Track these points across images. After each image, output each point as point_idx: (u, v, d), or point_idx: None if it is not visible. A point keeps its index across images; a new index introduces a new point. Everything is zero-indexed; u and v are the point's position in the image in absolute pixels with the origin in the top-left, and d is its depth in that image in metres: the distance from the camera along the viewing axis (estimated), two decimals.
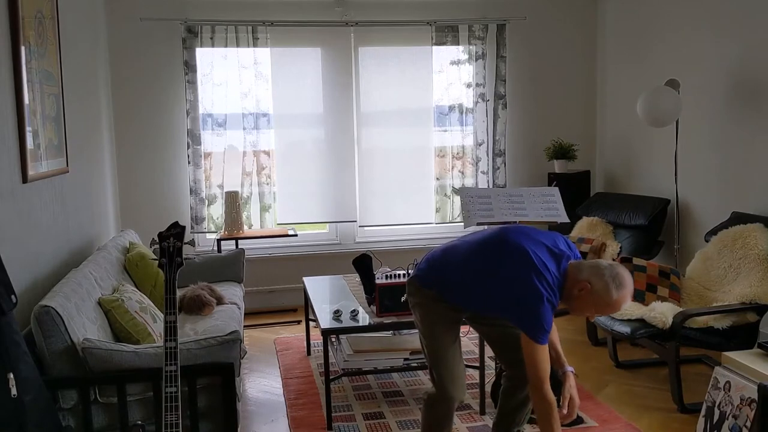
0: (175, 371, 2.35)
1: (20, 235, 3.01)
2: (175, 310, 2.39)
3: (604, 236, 5.17)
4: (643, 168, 5.53)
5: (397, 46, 5.78)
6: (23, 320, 2.79)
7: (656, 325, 3.55)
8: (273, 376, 4.26)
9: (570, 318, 5.24)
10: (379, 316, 3.64)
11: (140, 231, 4.89)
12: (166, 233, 2.46)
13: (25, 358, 2.29)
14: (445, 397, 2.68)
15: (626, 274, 2.44)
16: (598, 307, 2.45)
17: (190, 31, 5.41)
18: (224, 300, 4.17)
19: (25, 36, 3.12)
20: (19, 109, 3.05)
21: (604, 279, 2.41)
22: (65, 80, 3.83)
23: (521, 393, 2.81)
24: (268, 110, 5.61)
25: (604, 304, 2.43)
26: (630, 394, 3.84)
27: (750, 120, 4.35)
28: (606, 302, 2.42)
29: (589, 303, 2.45)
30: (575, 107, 6.17)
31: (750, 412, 2.90)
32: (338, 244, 5.99)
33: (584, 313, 2.53)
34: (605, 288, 2.41)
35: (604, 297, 2.41)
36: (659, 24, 5.23)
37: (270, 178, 5.69)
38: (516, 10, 5.90)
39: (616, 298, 2.41)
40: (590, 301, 2.44)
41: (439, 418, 2.73)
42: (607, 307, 2.44)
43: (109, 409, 2.71)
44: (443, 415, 2.73)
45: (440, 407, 2.72)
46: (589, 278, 2.43)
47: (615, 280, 2.41)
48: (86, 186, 4.34)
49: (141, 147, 5.50)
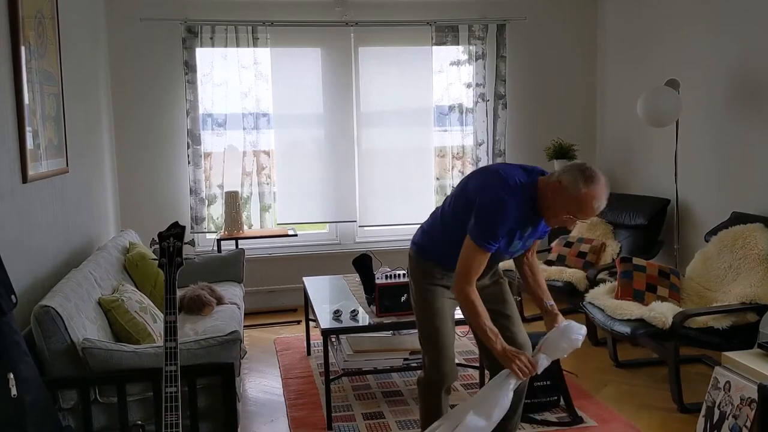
0: (175, 371, 2.35)
1: (20, 235, 3.01)
2: (175, 310, 2.39)
3: (604, 236, 5.17)
4: (643, 168, 5.53)
5: (397, 46, 5.78)
6: (23, 320, 2.79)
7: (656, 325, 3.55)
8: (273, 376, 4.26)
9: (569, 318, 5.23)
10: (379, 316, 3.64)
11: (140, 231, 4.88)
12: (166, 233, 2.46)
13: (25, 358, 2.29)
14: (439, 376, 2.71)
15: (597, 170, 2.40)
16: (569, 206, 2.37)
17: (190, 31, 5.41)
18: (224, 300, 4.17)
19: (25, 36, 3.12)
20: (19, 109, 3.05)
21: (572, 173, 2.38)
22: (65, 80, 3.83)
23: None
24: (268, 110, 5.61)
25: (574, 201, 2.35)
26: (630, 393, 3.84)
27: (750, 120, 4.35)
28: (575, 197, 2.35)
29: (560, 204, 2.39)
30: (575, 107, 6.17)
31: (750, 412, 2.90)
32: (338, 244, 5.99)
33: (560, 219, 2.44)
34: (573, 181, 2.35)
35: (572, 191, 2.35)
36: (659, 24, 5.23)
37: (270, 178, 5.69)
38: (516, 10, 5.90)
39: (585, 191, 2.34)
40: (562, 201, 2.38)
41: (437, 400, 2.76)
42: (578, 204, 2.36)
43: (109, 409, 2.71)
44: (438, 396, 2.75)
45: (434, 389, 2.75)
46: (559, 177, 2.41)
47: (584, 173, 2.37)
48: (86, 186, 4.34)
49: (141, 147, 5.50)
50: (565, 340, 2.52)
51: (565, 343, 2.52)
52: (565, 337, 2.53)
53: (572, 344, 2.53)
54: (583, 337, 2.54)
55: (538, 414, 3.53)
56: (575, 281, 4.65)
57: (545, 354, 2.53)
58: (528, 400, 3.51)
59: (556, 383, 3.59)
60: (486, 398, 2.48)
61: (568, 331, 2.54)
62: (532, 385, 3.53)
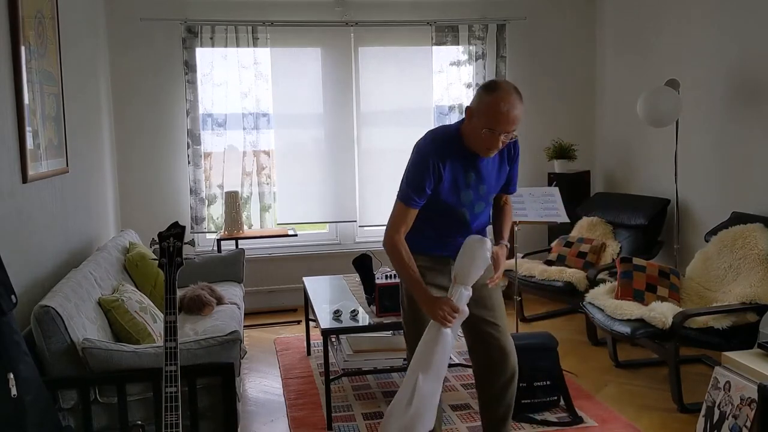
0: (175, 371, 2.35)
1: (20, 235, 3.01)
2: (175, 310, 2.39)
3: (604, 236, 5.17)
4: (643, 168, 5.53)
5: (397, 46, 5.78)
6: (23, 320, 2.79)
7: (656, 325, 3.55)
8: (273, 376, 4.26)
9: (570, 318, 5.25)
10: (379, 316, 3.64)
11: (140, 231, 4.88)
12: (166, 233, 2.46)
13: (25, 358, 2.29)
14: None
15: (501, 81, 2.47)
16: (482, 121, 2.38)
17: (190, 31, 5.41)
18: (224, 300, 4.17)
19: (25, 36, 3.12)
20: (19, 109, 3.05)
21: (477, 92, 2.47)
22: (65, 80, 3.83)
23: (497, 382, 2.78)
24: (268, 110, 5.61)
25: (484, 114, 2.37)
26: (630, 393, 3.84)
27: (750, 120, 4.35)
28: (484, 110, 2.38)
29: (476, 125, 2.41)
30: (575, 107, 6.17)
31: (750, 412, 2.90)
32: (338, 244, 5.99)
33: (483, 141, 2.42)
34: (478, 97, 2.42)
35: (479, 105, 2.40)
36: (659, 24, 5.23)
37: (270, 178, 5.69)
38: (516, 10, 5.90)
39: (489, 99, 2.37)
40: (476, 122, 2.41)
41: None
42: (487, 114, 2.37)
43: (109, 409, 2.71)
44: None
45: None
46: (470, 103, 2.49)
47: (485, 87, 2.44)
48: (86, 186, 4.34)
49: (141, 147, 5.50)
50: (469, 259, 2.44)
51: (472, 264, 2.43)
52: (467, 256, 2.45)
53: (477, 260, 2.43)
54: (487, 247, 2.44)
55: (538, 414, 3.53)
56: (575, 281, 4.65)
57: (461, 285, 2.45)
58: (528, 400, 3.52)
59: (556, 383, 3.59)
60: (428, 357, 2.45)
61: (468, 249, 2.45)
62: (532, 385, 3.53)
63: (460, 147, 2.52)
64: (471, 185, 2.56)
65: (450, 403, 3.71)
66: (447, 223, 2.63)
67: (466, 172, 2.54)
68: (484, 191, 2.61)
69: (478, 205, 2.61)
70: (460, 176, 2.53)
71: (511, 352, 2.76)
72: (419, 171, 2.49)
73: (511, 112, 2.37)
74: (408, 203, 2.52)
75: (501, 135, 2.40)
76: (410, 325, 2.74)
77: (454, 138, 2.53)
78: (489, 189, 2.63)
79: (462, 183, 2.54)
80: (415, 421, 2.44)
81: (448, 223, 2.63)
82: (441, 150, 2.50)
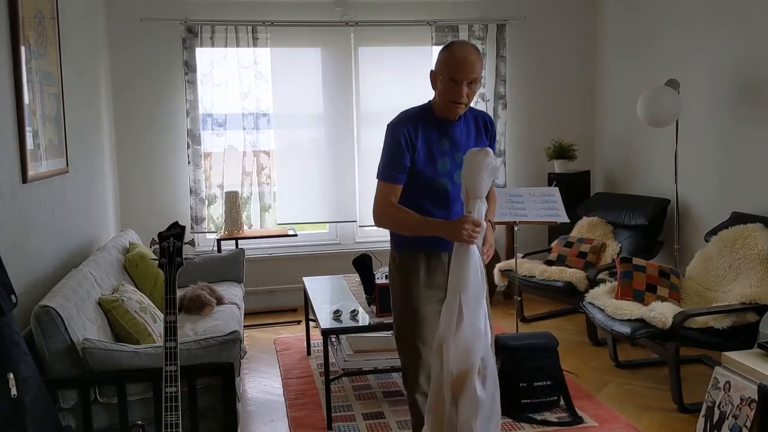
0: (175, 371, 2.35)
1: (20, 235, 3.01)
2: (175, 310, 2.39)
3: (604, 236, 5.17)
4: (643, 168, 5.53)
5: (397, 46, 5.77)
6: (23, 320, 2.79)
7: (656, 325, 3.55)
8: (273, 376, 4.26)
9: (570, 318, 5.25)
10: (379, 316, 3.64)
11: (140, 231, 4.88)
12: (166, 233, 2.47)
13: (25, 358, 2.29)
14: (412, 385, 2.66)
15: (457, 40, 2.60)
16: (443, 73, 2.49)
17: (190, 31, 5.41)
18: (224, 300, 4.17)
19: (25, 36, 3.12)
20: (19, 109, 3.05)
21: (437, 54, 2.57)
22: (65, 80, 3.83)
23: None
24: (268, 110, 5.61)
25: (444, 66, 2.49)
26: (630, 393, 3.84)
27: (750, 120, 4.35)
28: (443, 63, 2.49)
29: (440, 80, 2.51)
30: (575, 107, 6.17)
31: (750, 412, 2.90)
32: (338, 244, 5.99)
33: (447, 93, 2.50)
34: (438, 57, 2.54)
35: (439, 63, 2.52)
36: (659, 24, 5.23)
37: (270, 178, 5.69)
38: (516, 10, 5.90)
39: (446, 53, 2.50)
40: (440, 78, 2.51)
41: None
42: (446, 65, 2.48)
43: (109, 409, 2.71)
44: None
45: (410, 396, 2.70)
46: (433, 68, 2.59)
47: (443, 47, 2.56)
48: (86, 186, 4.34)
49: (141, 147, 5.50)
50: (476, 169, 2.38)
51: (480, 173, 2.38)
52: (473, 167, 2.38)
53: (484, 168, 2.38)
54: (490, 154, 2.40)
55: (538, 414, 3.53)
56: (575, 281, 4.65)
57: (476, 199, 2.39)
58: (528, 400, 3.53)
59: (556, 383, 3.60)
60: (464, 276, 2.36)
61: (471, 160, 2.40)
62: (533, 385, 3.53)
63: (431, 116, 2.60)
64: (446, 152, 2.58)
65: None
66: (430, 201, 2.60)
67: (440, 139, 2.58)
68: (461, 159, 2.56)
69: (457, 175, 2.58)
70: (434, 144, 2.57)
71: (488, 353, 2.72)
72: (393, 145, 2.56)
73: (468, 58, 2.47)
74: (389, 179, 2.56)
75: (464, 84, 2.47)
76: (402, 327, 2.68)
77: (424, 109, 2.63)
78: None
79: (437, 151, 2.57)
80: (470, 341, 2.34)
81: (431, 200, 2.60)
82: (411, 120, 2.59)
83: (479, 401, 2.31)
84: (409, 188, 2.60)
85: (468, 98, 2.51)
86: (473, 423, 2.30)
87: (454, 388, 2.32)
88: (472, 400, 2.31)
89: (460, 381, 2.32)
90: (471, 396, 2.31)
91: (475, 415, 2.31)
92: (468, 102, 2.53)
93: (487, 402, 2.34)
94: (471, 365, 2.32)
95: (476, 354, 2.33)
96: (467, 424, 2.31)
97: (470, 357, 2.32)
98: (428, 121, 2.59)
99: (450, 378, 2.32)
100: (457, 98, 2.49)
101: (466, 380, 2.31)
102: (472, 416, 2.31)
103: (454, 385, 2.32)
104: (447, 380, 2.32)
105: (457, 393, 2.32)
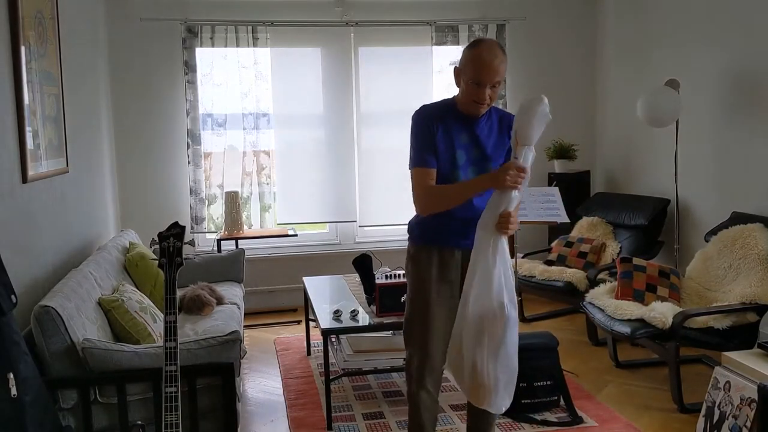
0: (175, 371, 2.35)
1: (20, 235, 3.01)
2: (175, 310, 2.39)
3: (604, 236, 5.18)
4: (643, 168, 5.53)
5: (397, 46, 5.78)
6: (23, 320, 2.79)
7: (656, 325, 3.55)
8: (273, 376, 4.26)
9: (570, 318, 5.25)
10: (379, 316, 3.64)
11: (140, 231, 4.88)
12: (166, 233, 2.47)
13: (25, 358, 2.29)
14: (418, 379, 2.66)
15: (485, 38, 2.59)
16: (468, 74, 2.48)
17: (190, 31, 5.41)
18: (224, 300, 4.17)
19: (25, 36, 3.12)
20: (19, 109, 3.05)
21: (463, 51, 2.55)
22: (65, 80, 3.83)
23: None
24: (268, 110, 5.61)
25: (469, 66, 2.47)
26: (630, 394, 3.84)
27: (750, 120, 4.35)
28: (468, 62, 2.48)
29: (464, 80, 2.51)
30: (575, 107, 6.17)
31: (750, 412, 2.90)
32: (338, 244, 5.99)
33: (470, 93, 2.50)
34: (463, 54, 2.53)
35: (464, 60, 2.51)
36: (659, 24, 5.23)
37: (270, 178, 5.69)
38: (516, 10, 5.90)
39: (473, 53, 2.48)
40: (464, 76, 2.51)
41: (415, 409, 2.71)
42: (471, 66, 2.47)
43: (109, 409, 2.71)
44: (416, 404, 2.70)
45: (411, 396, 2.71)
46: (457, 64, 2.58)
47: (470, 43, 2.54)
48: (86, 186, 4.34)
49: (141, 147, 5.50)
50: (529, 115, 2.38)
51: (533, 120, 2.38)
52: (527, 113, 2.39)
53: (538, 115, 2.38)
54: (545, 103, 2.40)
55: (538, 414, 3.53)
56: (575, 281, 4.65)
57: (524, 145, 2.40)
58: (528, 400, 3.53)
59: (556, 383, 3.60)
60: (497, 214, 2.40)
61: (526, 106, 2.40)
62: (533, 385, 3.53)
63: (454, 111, 2.60)
64: (463, 146, 2.59)
65: (450, 403, 3.71)
66: None
67: (460, 133, 2.59)
68: (478, 155, 2.59)
69: (473, 170, 2.59)
70: (453, 137, 2.58)
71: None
72: (420, 131, 2.58)
73: (494, 62, 2.45)
74: (422, 164, 2.56)
75: (487, 87, 2.47)
76: (411, 318, 2.69)
77: (448, 104, 2.64)
78: (486, 155, 2.61)
79: (456, 143, 2.58)
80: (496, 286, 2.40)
81: None
82: (434, 111, 2.61)
83: (500, 344, 2.41)
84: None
85: (491, 99, 2.52)
86: (491, 366, 2.40)
87: (477, 333, 2.40)
88: (496, 342, 2.41)
89: (479, 329, 2.39)
90: (495, 340, 2.41)
91: (495, 359, 2.41)
92: (490, 103, 2.54)
93: (508, 347, 2.45)
94: (494, 311, 2.39)
95: (500, 300, 2.41)
96: (485, 365, 2.40)
97: (493, 303, 2.39)
98: (451, 114, 2.60)
99: (472, 322, 2.39)
100: (479, 100, 2.50)
101: (489, 324, 2.40)
102: (491, 360, 2.41)
103: (475, 330, 2.40)
104: (468, 324, 2.40)
105: (480, 338, 2.40)
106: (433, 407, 2.72)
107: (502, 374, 2.43)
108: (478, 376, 2.41)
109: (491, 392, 2.42)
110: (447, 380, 4.02)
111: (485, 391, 2.42)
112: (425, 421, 2.70)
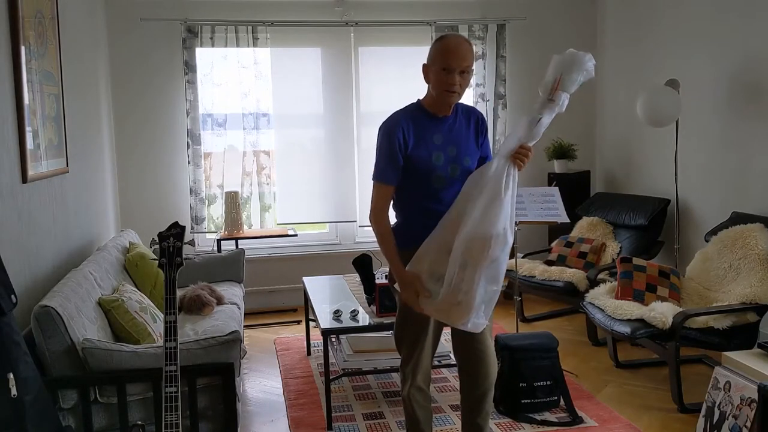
0: (175, 371, 2.35)
1: (20, 235, 3.01)
2: (175, 310, 2.39)
3: (604, 236, 5.18)
4: (643, 168, 5.53)
5: (397, 46, 5.77)
6: (23, 320, 2.79)
7: (656, 325, 3.55)
8: (273, 376, 4.26)
9: (570, 318, 5.25)
10: (379, 316, 3.64)
11: (140, 231, 4.88)
12: (166, 233, 2.47)
13: (25, 358, 2.29)
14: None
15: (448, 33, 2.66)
16: (436, 64, 2.53)
17: (190, 31, 5.41)
18: (224, 300, 4.17)
19: (25, 36, 3.12)
20: (19, 109, 3.05)
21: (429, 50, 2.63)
22: (65, 80, 3.83)
23: (477, 390, 2.76)
24: (268, 110, 5.61)
25: (437, 57, 2.53)
26: (630, 394, 3.84)
27: (750, 120, 4.35)
28: (435, 54, 2.55)
29: (432, 72, 2.58)
30: (575, 107, 6.11)
31: (750, 412, 2.90)
32: (338, 244, 5.99)
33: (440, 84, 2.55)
34: (430, 51, 2.61)
35: (431, 55, 2.58)
36: (659, 24, 5.23)
37: (270, 178, 5.69)
38: (516, 10, 5.90)
39: (438, 44, 2.55)
40: (433, 69, 2.57)
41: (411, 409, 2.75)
42: (439, 56, 2.52)
43: (109, 409, 2.71)
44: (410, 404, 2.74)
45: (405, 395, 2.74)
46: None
47: (435, 40, 2.63)
48: (86, 186, 4.34)
49: (141, 147, 5.50)
50: (581, 65, 2.55)
51: (581, 75, 2.55)
52: (576, 64, 2.55)
53: (583, 64, 2.55)
54: (590, 58, 2.55)
55: (538, 414, 3.53)
56: (575, 281, 4.65)
57: (564, 92, 2.54)
58: (528, 400, 3.53)
59: (556, 383, 3.59)
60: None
61: (577, 59, 2.55)
62: (533, 385, 3.53)
63: (422, 112, 2.64)
64: (440, 147, 2.60)
65: (450, 404, 3.71)
66: (427, 199, 2.61)
67: (433, 134, 2.61)
68: (455, 152, 2.62)
69: (452, 168, 2.61)
70: (428, 139, 2.60)
71: (492, 364, 2.74)
72: (387, 143, 2.58)
73: (460, 47, 2.52)
74: (383, 179, 2.59)
75: (456, 73, 2.51)
76: (402, 319, 2.71)
77: (415, 107, 2.68)
78: (461, 152, 2.63)
79: (431, 146, 2.59)
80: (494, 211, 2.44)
81: (429, 197, 2.61)
82: (403, 117, 2.63)
83: (493, 262, 2.43)
84: (408, 187, 2.62)
85: (461, 87, 2.55)
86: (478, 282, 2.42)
87: (466, 254, 2.42)
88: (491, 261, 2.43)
89: (474, 247, 2.42)
90: (485, 258, 2.42)
91: (485, 277, 2.43)
92: (461, 92, 2.56)
93: (500, 266, 2.46)
94: (497, 233, 2.42)
95: (504, 224, 2.44)
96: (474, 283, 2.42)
97: (498, 225, 2.42)
98: (420, 117, 2.63)
99: (465, 242, 2.42)
100: (450, 86, 2.53)
101: (482, 245, 2.41)
102: (483, 278, 2.43)
103: (466, 252, 2.42)
104: (460, 245, 2.43)
105: (469, 257, 2.42)
106: (426, 404, 2.76)
107: (486, 293, 2.46)
108: (460, 294, 2.43)
109: (470, 310, 2.44)
110: (447, 381, 4.02)
111: (463, 308, 2.44)
112: (420, 417, 2.75)
